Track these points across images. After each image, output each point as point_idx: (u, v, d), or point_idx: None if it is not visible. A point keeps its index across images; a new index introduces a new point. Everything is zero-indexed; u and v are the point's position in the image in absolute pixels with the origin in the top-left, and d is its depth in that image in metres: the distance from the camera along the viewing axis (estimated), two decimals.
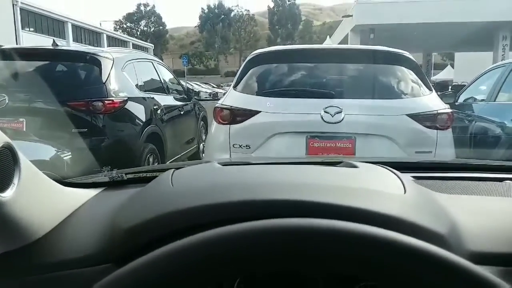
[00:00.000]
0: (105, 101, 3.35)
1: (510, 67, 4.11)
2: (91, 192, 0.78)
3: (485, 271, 0.42)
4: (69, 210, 0.68)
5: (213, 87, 31.83)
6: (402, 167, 0.96)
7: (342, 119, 2.53)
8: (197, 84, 28.35)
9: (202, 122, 5.81)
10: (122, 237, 0.55)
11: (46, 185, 0.66)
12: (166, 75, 5.09)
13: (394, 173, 0.68)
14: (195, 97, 6.10)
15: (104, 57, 3.62)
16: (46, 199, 0.64)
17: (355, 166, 0.73)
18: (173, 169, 0.73)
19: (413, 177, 0.84)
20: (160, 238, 0.49)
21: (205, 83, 32.31)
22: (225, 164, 0.80)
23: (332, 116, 2.54)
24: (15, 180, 0.55)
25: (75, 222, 0.66)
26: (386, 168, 0.72)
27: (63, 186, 0.72)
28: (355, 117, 2.54)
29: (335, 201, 0.52)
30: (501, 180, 0.86)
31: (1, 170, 0.52)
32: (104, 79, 3.47)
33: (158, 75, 4.76)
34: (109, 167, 0.93)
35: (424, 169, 1.00)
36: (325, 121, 2.54)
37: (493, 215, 0.63)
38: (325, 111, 2.55)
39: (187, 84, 13.95)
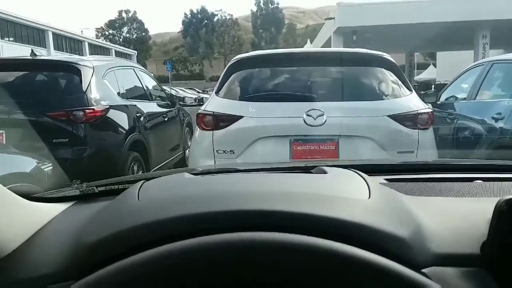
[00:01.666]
0: (86, 110, 3.30)
1: (489, 65, 4.18)
2: (60, 207, 0.76)
3: (415, 273, 0.42)
4: (36, 226, 0.66)
5: (198, 92, 31.74)
6: (376, 170, 0.97)
7: (325, 122, 2.54)
8: (182, 89, 28.24)
9: (187, 128, 5.78)
10: (83, 253, 0.54)
11: (10, 201, 0.64)
12: (149, 82, 5.05)
13: (363, 177, 0.68)
14: (180, 103, 6.07)
15: (84, 65, 3.57)
16: (10, 216, 0.62)
17: (325, 172, 0.73)
18: (142, 181, 0.71)
19: (386, 179, 0.85)
20: (118, 254, 0.49)
21: (190, 89, 32.20)
22: (197, 174, 0.79)
23: (315, 119, 2.55)
24: None
25: (41, 238, 0.64)
26: (356, 172, 0.72)
27: (30, 202, 0.71)
28: (337, 120, 2.55)
29: (296, 209, 0.52)
30: (471, 180, 0.87)
31: None
32: (84, 88, 3.42)
33: (141, 82, 4.72)
34: (79, 180, 0.91)
35: (398, 171, 1.01)
36: (307, 124, 2.55)
37: (460, 215, 0.63)
38: (307, 115, 2.55)
39: (172, 90, 13.87)
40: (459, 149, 3.99)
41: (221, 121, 2.66)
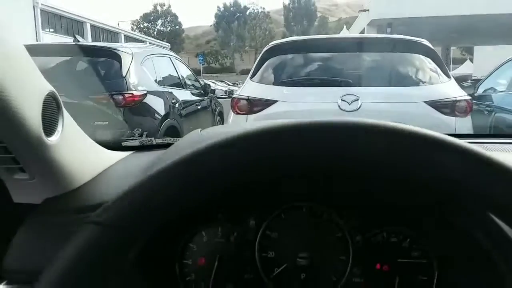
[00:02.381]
0: (125, 95, 3.42)
1: None
2: (123, 154, 0.83)
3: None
4: (104, 166, 0.73)
5: (229, 85, 31.91)
6: None
7: (359, 107, 2.53)
8: (212, 82, 28.46)
9: (218, 117, 5.87)
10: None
11: (84, 139, 0.71)
12: (184, 71, 5.15)
13: None
14: (211, 94, 6.17)
15: (123, 51, 3.69)
16: (84, 152, 0.68)
17: None
18: (200, 129, 0.76)
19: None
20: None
21: (221, 81, 32.40)
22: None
23: (349, 104, 2.54)
24: (59, 127, 0.59)
25: (107, 177, 0.70)
26: None
27: (101, 147, 0.77)
28: (372, 105, 2.53)
29: None
30: None
31: (48, 116, 0.56)
32: (124, 73, 3.54)
33: (176, 70, 4.83)
34: (140, 130, 0.97)
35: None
36: (342, 110, 2.54)
37: None
38: (342, 100, 2.55)
39: (202, 82, 14.05)
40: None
41: (256, 105, 2.70)
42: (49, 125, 0.57)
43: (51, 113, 0.57)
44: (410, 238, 0.56)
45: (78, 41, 3.92)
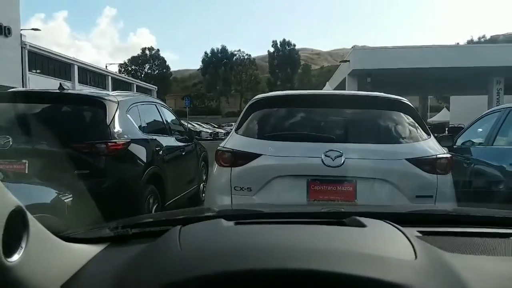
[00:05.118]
0: (108, 143, 3.39)
1: (506, 111, 4.19)
2: (96, 248, 0.78)
3: None
4: (75, 268, 0.68)
5: (214, 127, 32.18)
6: (407, 220, 0.96)
7: (343, 163, 2.55)
8: (198, 124, 28.68)
9: (203, 162, 5.85)
10: None
11: (52, 244, 0.66)
12: (169, 117, 5.18)
13: (403, 233, 0.68)
14: (197, 136, 6.19)
15: (109, 100, 3.70)
16: (52, 258, 0.64)
17: (362, 225, 0.73)
18: (180, 226, 0.73)
19: (419, 231, 0.85)
20: None
21: (207, 123, 32.68)
22: (232, 219, 0.81)
23: (333, 160, 2.57)
24: (23, 244, 0.55)
25: (79, 282, 0.65)
26: (393, 225, 0.72)
27: (68, 243, 0.72)
28: (355, 161, 2.56)
29: (344, 271, 0.53)
30: (507, 235, 0.86)
31: (10, 234, 0.52)
32: (108, 121, 3.53)
33: (161, 116, 4.85)
34: (114, 221, 0.92)
35: (430, 222, 0.99)
36: (326, 165, 2.56)
37: (504, 278, 0.63)
38: (325, 155, 2.58)
39: (189, 124, 14.11)
40: (476, 194, 3.93)
41: (240, 158, 2.70)
42: (11, 244, 0.53)
43: (14, 230, 0.54)
44: None
45: (64, 88, 3.92)
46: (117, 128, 3.57)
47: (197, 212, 0.95)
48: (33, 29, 30.36)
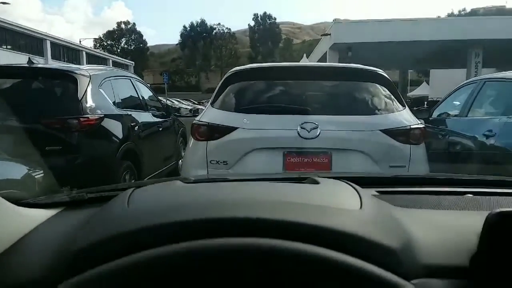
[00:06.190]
0: (81, 119, 3.30)
1: (481, 83, 4.25)
2: (49, 213, 0.76)
3: (388, 273, 0.42)
4: (23, 231, 0.66)
5: (194, 103, 31.81)
6: (369, 182, 0.98)
7: (318, 135, 2.56)
8: (178, 100, 28.27)
9: (181, 138, 5.79)
10: (68, 258, 0.54)
11: (3, 208, 0.65)
12: (145, 92, 5.06)
13: (355, 189, 0.69)
14: (176, 113, 6.09)
15: (80, 74, 3.58)
16: (2, 221, 0.63)
17: (317, 182, 0.74)
18: (133, 188, 0.72)
19: (378, 191, 0.86)
20: (104, 260, 0.49)
21: (186, 100, 32.25)
22: (189, 182, 0.80)
23: (309, 132, 2.56)
24: None
25: (27, 243, 0.64)
26: (348, 183, 0.73)
27: (18, 207, 0.71)
28: (330, 133, 2.57)
29: (286, 218, 0.52)
30: (462, 194, 0.88)
31: None
32: (80, 96, 3.42)
33: (137, 92, 4.74)
34: (70, 187, 0.90)
35: (390, 184, 1.01)
36: (301, 137, 2.56)
37: (450, 228, 0.64)
38: (301, 127, 2.57)
39: (167, 101, 13.92)
40: (450, 164, 4.01)
41: (216, 132, 2.67)
42: None
43: None
44: None
45: (33, 63, 3.76)
46: (89, 103, 3.47)
47: (161, 181, 0.94)
48: (1, 2, 28.93)
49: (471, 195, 0.87)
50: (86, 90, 3.50)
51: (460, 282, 0.52)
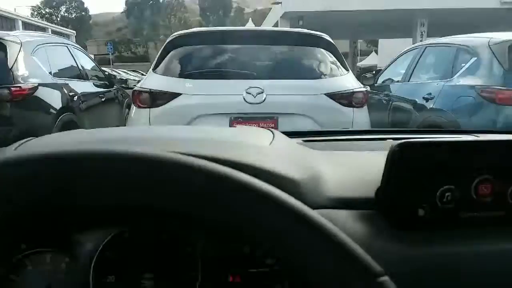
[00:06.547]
0: (12, 88, 3.06)
1: (422, 48, 4.40)
2: None
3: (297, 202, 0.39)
4: None
5: (142, 74, 30.61)
6: (298, 133, 0.98)
7: (264, 100, 2.54)
8: (125, 72, 27.06)
9: (127, 110, 5.57)
10: None
11: None
12: (85, 61, 4.78)
13: (273, 133, 0.68)
14: (123, 85, 5.83)
15: (10, 41, 3.30)
16: None
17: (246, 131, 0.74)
18: (34, 138, 0.66)
19: (303, 140, 0.86)
20: None
21: (134, 71, 30.99)
22: None
23: (254, 97, 2.54)
24: None
25: None
26: (271, 130, 0.72)
27: None
28: (276, 97, 2.56)
29: (188, 149, 0.50)
30: (384, 139, 0.90)
31: None
32: (10, 64, 3.17)
33: (75, 60, 4.46)
34: None
35: (318, 134, 1.02)
36: (247, 102, 2.54)
37: (359, 165, 0.65)
38: (247, 92, 2.54)
39: (114, 72, 13.32)
40: (393, 127, 4.17)
41: (159, 98, 2.58)
42: None
43: None
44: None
45: None
46: (21, 71, 3.22)
47: None
48: None
49: (391, 140, 0.88)
50: (17, 58, 3.25)
51: (366, 212, 0.53)
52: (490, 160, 0.52)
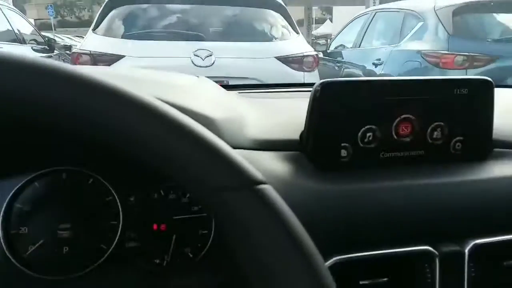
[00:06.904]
0: None
1: (372, 14, 4.43)
2: None
3: None
4: None
5: None
6: (239, 87, 0.96)
7: (213, 63, 2.46)
8: (69, 37, 25.38)
9: None
10: None
11: None
12: (20, 24, 4.40)
13: (209, 82, 0.67)
14: (67, 51, 5.48)
15: None
16: None
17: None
18: None
19: (240, 92, 0.84)
20: None
21: (79, 36, 29.16)
22: None
23: (203, 60, 2.45)
24: None
25: None
26: (197, 76, 0.71)
27: None
28: (226, 61, 2.49)
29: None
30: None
31: None
32: None
33: (9, 23, 4.10)
34: None
35: (256, 87, 1.01)
36: (195, 65, 2.45)
37: (290, 111, 0.65)
38: (195, 55, 2.45)
39: (56, 38, 12.47)
40: None
41: (100, 61, 2.42)
42: None
43: None
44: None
45: None
46: None
47: None
48: None
49: None
50: None
51: (290, 153, 0.52)
52: (410, 99, 0.52)
